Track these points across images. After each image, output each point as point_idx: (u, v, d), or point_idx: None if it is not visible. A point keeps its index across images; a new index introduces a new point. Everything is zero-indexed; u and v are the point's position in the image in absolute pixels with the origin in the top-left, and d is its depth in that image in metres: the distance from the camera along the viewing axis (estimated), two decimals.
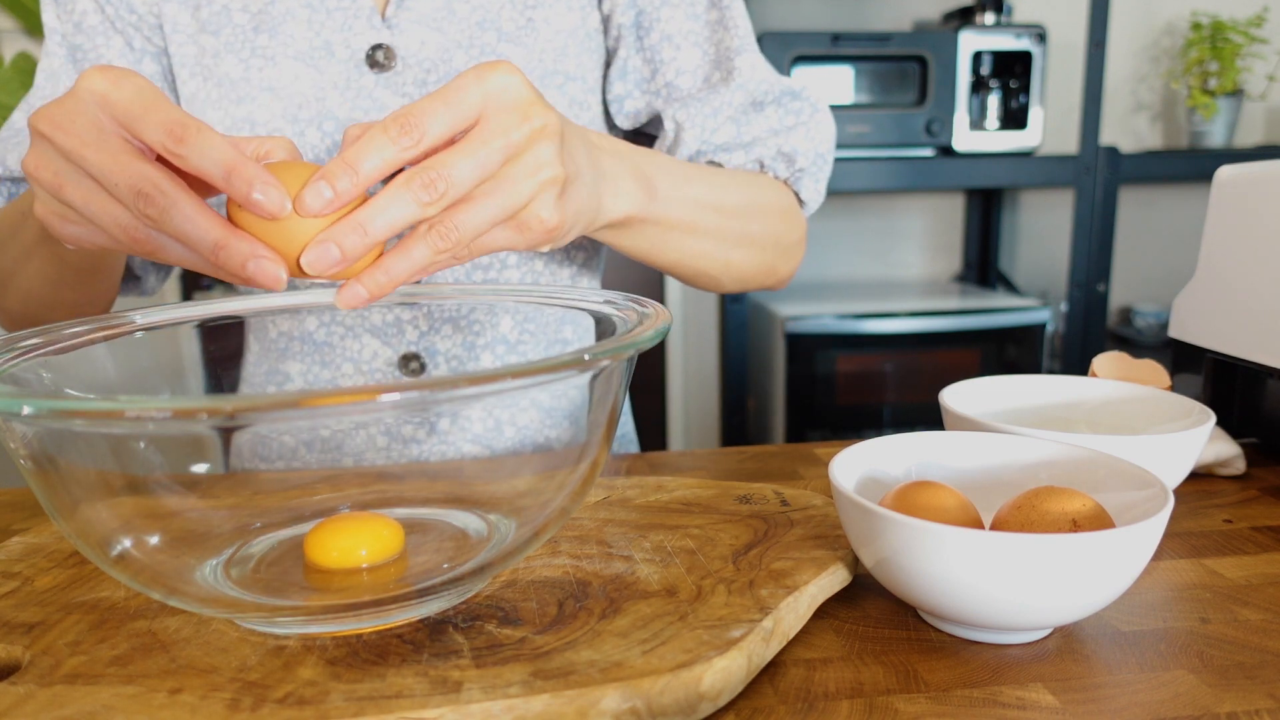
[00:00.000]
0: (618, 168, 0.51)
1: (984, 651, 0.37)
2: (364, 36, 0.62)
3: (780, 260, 0.69)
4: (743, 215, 0.64)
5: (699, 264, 0.63)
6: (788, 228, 0.68)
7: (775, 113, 0.67)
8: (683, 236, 0.59)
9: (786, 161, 0.67)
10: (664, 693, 0.32)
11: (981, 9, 1.96)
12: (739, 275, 0.67)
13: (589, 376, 0.38)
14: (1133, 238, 2.31)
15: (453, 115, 0.38)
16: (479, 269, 0.66)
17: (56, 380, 0.40)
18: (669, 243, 0.59)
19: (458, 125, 0.39)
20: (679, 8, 0.67)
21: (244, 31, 0.62)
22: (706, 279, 0.66)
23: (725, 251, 0.64)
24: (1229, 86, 2.03)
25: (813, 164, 0.68)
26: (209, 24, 0.63)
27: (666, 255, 0.60)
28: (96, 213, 0.39)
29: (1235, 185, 0.63)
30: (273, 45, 0.62)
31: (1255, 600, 0.41)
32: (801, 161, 0.68)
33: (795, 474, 0.59)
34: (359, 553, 0.40)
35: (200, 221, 0.37)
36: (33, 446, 0.33)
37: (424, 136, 0.38)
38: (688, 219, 0.59)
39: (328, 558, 0.40)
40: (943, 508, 0.39)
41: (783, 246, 0.69)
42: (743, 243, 0.65)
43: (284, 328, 0.66)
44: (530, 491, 0.42)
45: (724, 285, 0.67)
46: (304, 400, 0.28)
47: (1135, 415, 0.56)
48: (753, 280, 0.69)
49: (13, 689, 0.33)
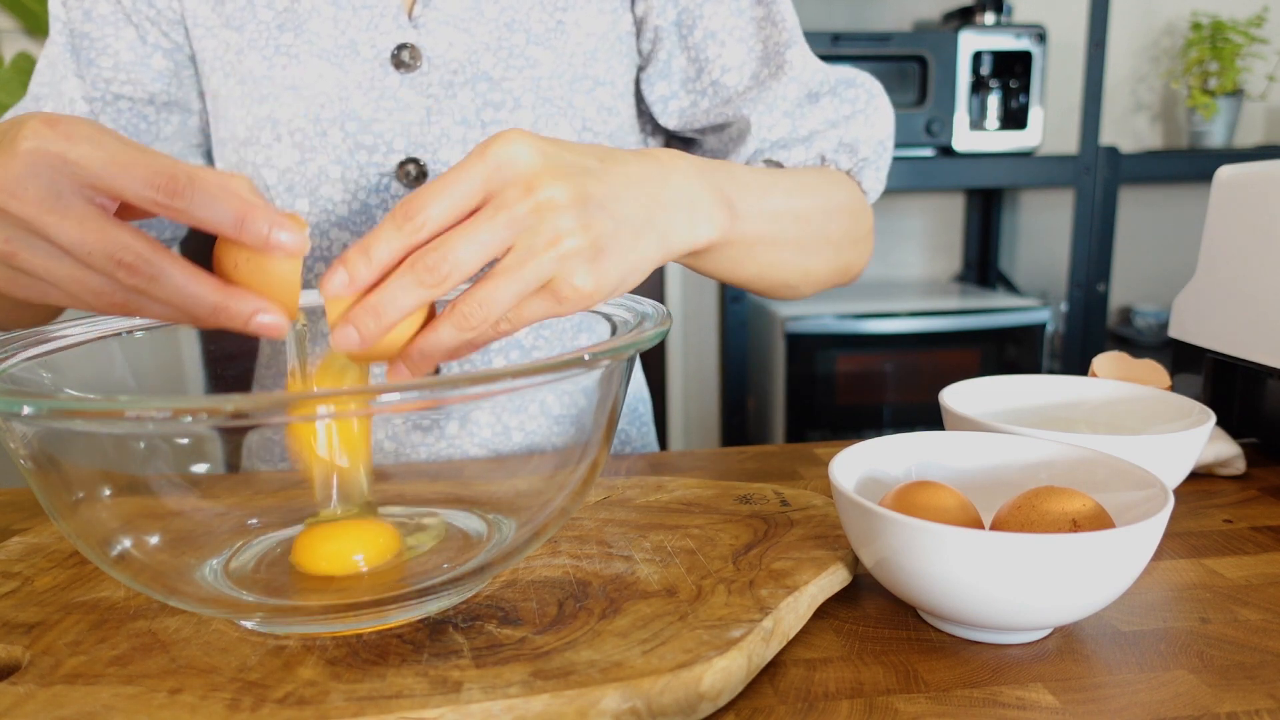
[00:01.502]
0: (694, 191, 0.48)
1: (984, 651, 0.37)
2: (390, 36, 0.61)
3: (854, 257, 0.68)
4: (819, 219, 0.62)
5: (778, 275, 0.61)
6: (857, 223, 0.67)
7: (832, 103, 0.66)
8: (764, 250, 0.57)
9: (849, 152, 0.66)
10: (664, 693, 0.32)
11: (981, 9, 1.96)
12: (817, 279, 0.65)
13: (596, 380, 0.37)
14: (1133, 238, 2.31)
15: (453, 199, 0.38)
16: None
17: (56, 380, 0.40)
18: (750, 258, 0.57)
19: (461, 207, 0.38)
20: (722, 4, 0.65)
21: (268, 28, 0.61)
22: (785, 289, 0.64)
23: (804, 259, 0.62)
24: (1229, 86, 2.03)
25: (874, 152, 0.67)
26: (233, 19, 0.62)
27: (745, 271, 0.58)
28: (62, 279, 0.36)
29: (1235, 185, 0.63)
30: (297, 43, 0.61)
31: (1255, 600, 0.41)
32: (864, 151, 0.66)
33: (795, 474, 0.59)
34: (352, 559, 0.39)
35: (193, 287, 0.36)
36: (33, 446, 0.33)
37: (426, 223, 0.37)
38: (769, 233, 0.57)
39: (317, 566, 0.39)
40: (943, 508, 0.39)
41: (855, 242, 0.67)
42: (821, 247, 0.63)
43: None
44: (530, 491, 0.42)
45: (801, 292, 0.66)
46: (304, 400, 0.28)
47: (1135, 415, 0.56)
48: (829, 281, 0.67)
49: (13, 689, 0.33)
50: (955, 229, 2.32)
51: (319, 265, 0.64)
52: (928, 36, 1.86)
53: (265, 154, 0.62)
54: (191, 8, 0.63)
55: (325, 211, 0.63)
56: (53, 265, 0.36)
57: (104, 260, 0.35)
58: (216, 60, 0.63)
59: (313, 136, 0.61)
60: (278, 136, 0.62)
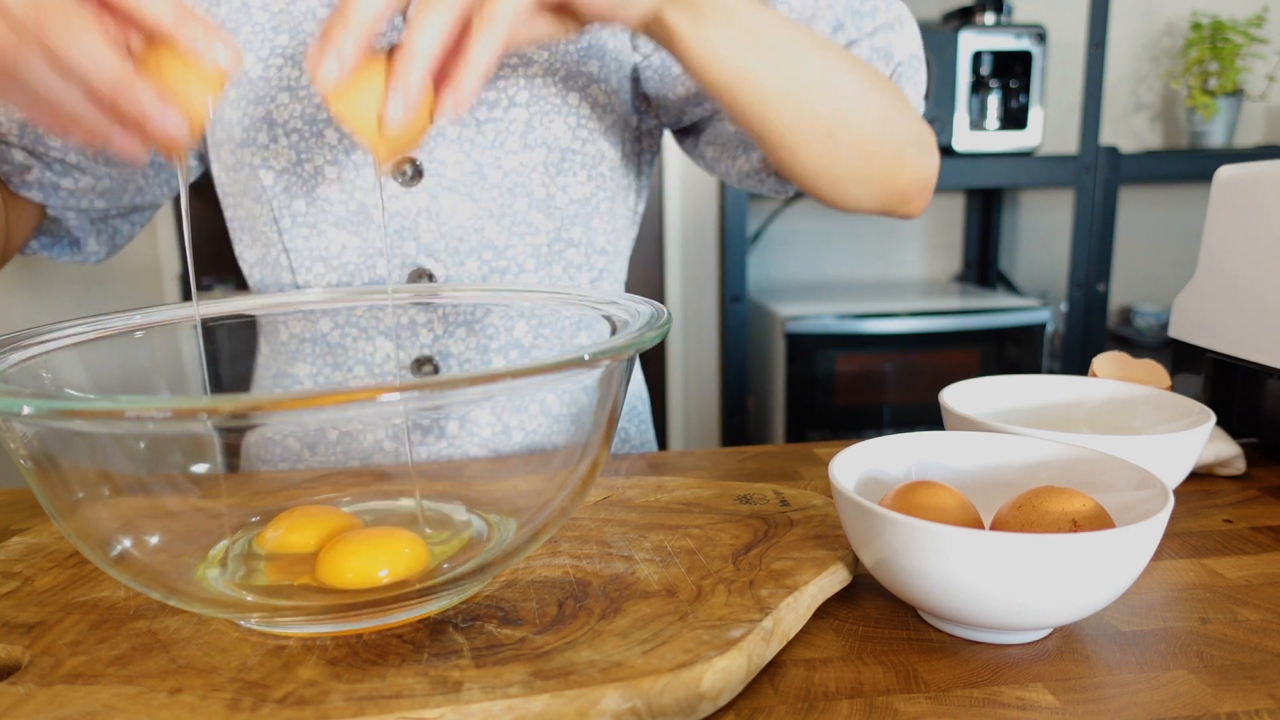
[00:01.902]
0: None
1: (984, 651, 0.37)
2: (384, 36, 0.61)
3: (912, 148, 0.60)
4: (847, 62, 0.56)
5: (805, 105, 0.54)
6: (908, 114, 0.60)
7: (854, 20, 0.62)
8: (775, 47, 0.52)
9: (884, 58, 0.61)
10: (664, 693, 0.32)
11: (981, 9, 1.96)
12: (860, 142, 0.57)
13: (596, 379, 0.37)
14: (1133, 238, 2.32)
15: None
16: (495, 273, 0.65)
17: (56, 380, 0.40)
18: (759, 50, 0.51)
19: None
20: None
21: (263, 30, 0.61)
22: (821, 138, 0.56)
23: (835, 96, 0.55)
24: (1229, 86, 2.03)
25: (909, 62, 0.62)
26: (228, 22, 0.62)
27: (757, 75, 0.52)
28: None
29: (1235, 185, 0.63)
30: (292, 45, 0.61)
31: (1255, 600, 0.41)
32: (900, 55, 0.61)
33: (795, 474, 0.59)
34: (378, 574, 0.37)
35: (104, 52, 0.36)
36: (33, 446, 0.33)
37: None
38: (774, 28, 0.52)
39: (342, 580, 0.37)
40: (943, 508, 0.39)
41: (911, 130, 0.60)
42: (855, 92, 0.56)
43: (295, 329, 0.65)
44: (530, 491, 0.42)
45: (843, 155, 0.57)
46: (304, 400, 0.28)
47: (1135, 415, 0.56)
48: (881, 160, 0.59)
49: (13, 689, 0.33)
50: (955, 229, 2.32)
51: (317, 265, 0.64)
52: (928, 36, 1.86)
53: (262, 155, 0.62)
54: None
55: (323, 211, 0.63)
56: None
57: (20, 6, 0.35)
58: None
59: (309, 137, 0.62)
60: (274, 138, 0.62)
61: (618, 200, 0.70)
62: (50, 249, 0.69)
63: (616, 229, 0.70)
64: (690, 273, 2.23)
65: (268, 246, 0.66)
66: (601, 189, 0.67)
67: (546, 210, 0.65)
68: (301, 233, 0.64)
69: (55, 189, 0.64)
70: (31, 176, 0.63)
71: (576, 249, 0.67)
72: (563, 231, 0.66)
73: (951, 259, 2.33)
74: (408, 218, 0.63)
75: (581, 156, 0.65)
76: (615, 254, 0.71)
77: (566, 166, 0.65)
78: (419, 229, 0.63)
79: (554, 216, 0.66)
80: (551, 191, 0.65)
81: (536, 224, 0.65)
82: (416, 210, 0.63)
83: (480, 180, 0.63)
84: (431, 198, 0.63)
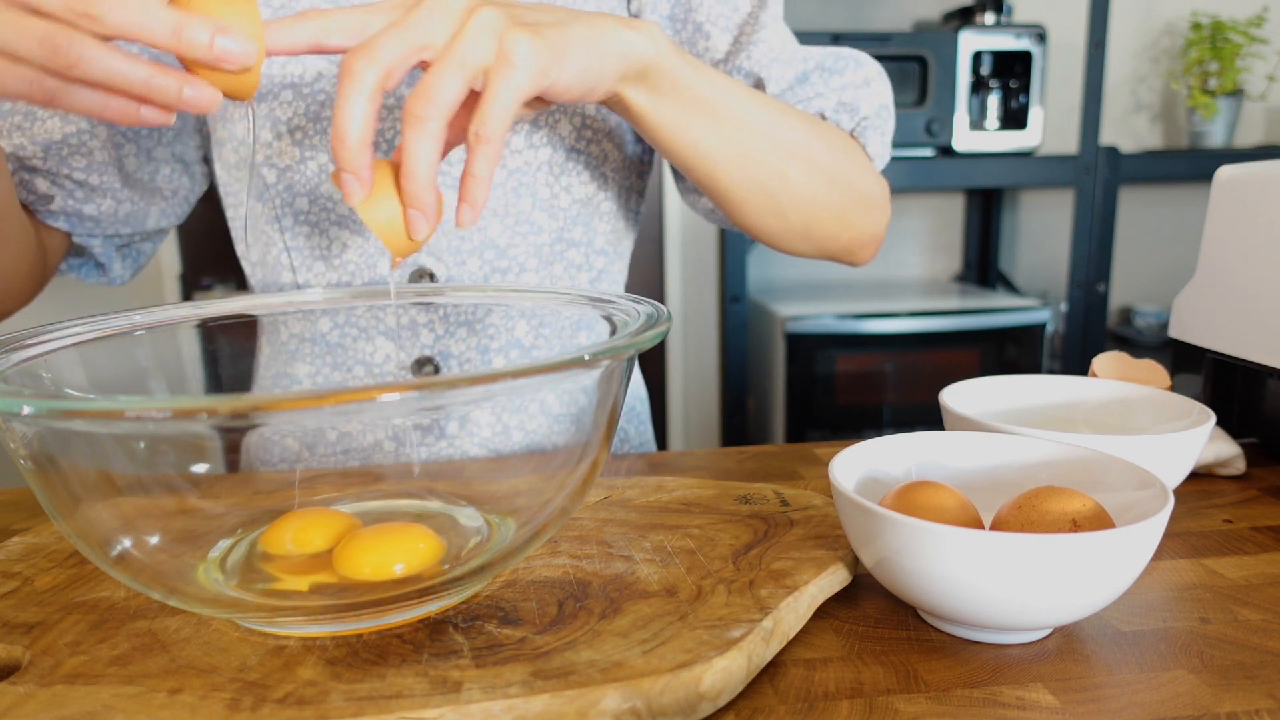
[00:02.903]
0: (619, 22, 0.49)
1: (984, 651, 0.37)
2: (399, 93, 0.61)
3: (857, 209, 0.63)
4: (798, 127, 0.59)
5: (750, 170, 0.57)
6: (860, 172, 0.63)
7: (821, 78, 0.64)
8: (725, 117, 0.55)
9: (849, 112, 0.63)
10: (664, 693, 0.32)
11: (981, 9, 1.96)
12: (804, 204, 0.61)
13: (596, 379, 0.37)
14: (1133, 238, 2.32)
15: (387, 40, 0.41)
16: (497, 272, 0.65)
17: (56, 380, 0.40)
18: (709, 120, 0.54)
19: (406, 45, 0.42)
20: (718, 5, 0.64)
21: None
22: (765, 199, 0.59)
23: (781, 161, 0.58)
24: (1229, 86, 2.03)
25: (877, 114, 0.64)
26: None
27: (706, 142, 0.55)
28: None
29: (1235, 185, 0.63)
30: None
31: (1255, 600, 0.41)
32: (865, 110, 0.64)
33: (795, 474, 0.59)
34: (393, 568, 0.38)
35: (119, 59, 0.38)
36: (33, 446, 0.33)
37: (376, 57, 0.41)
38: (725, 98, 0.54)
39: (359, 573, 0.38)
40: (943, 508, 0.39)
41: (857, 192, 0.63)
42: (802, 157, 0.59)
43: (296, 329, 0.65)
44: (530, 491, 0.42)
45: (787, 215, 0.61)
46: (304, 400, 0.28)
47: (1135, 415, 0.56)
48: (823, 222, 0.62)
49: (13, 689, 0.33)
50: (955, 229, 2.32)
51: (318, 264, 0.64)
52: (928, 36, 1.86)
53: (265, 153, 0.62)
54: None
55: (325, 210, 0.63)
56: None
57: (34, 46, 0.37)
58: None
59: (312, 135, 0.61)
60: (278, 135, 0.62)
61: (620, 200, 0.70)
62: (79, 270, 0.71)
63: (618, 229, 0.71)
64: (690, 273, 2.23)
65: (269, 246, 0.66)
66: (604, 189, 0.67)
67: (550, 210, 0.65)
68: (303, 231, 0.64)
69: (80, 217, 0.65)
70: (56, 205, 0.64)
71: (578, 249, 0.68)
72: (565, 231, 0.66)
73: (951, 259, 2.33)
74: None
75: (585, 156, 0.65)
76: (616, 254, 0.71)
77: (571, 166, 0.65)
78: None
79: (557, 216, 0.66)
80: (555, 191, 0.65)
81: (539, 223, 0.65)
82: None
83: None
84: None
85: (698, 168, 0.57)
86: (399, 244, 0.44)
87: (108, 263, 0.70)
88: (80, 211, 0.65)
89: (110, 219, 0.66)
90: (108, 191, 0.65)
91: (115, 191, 0.65)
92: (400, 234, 0.44)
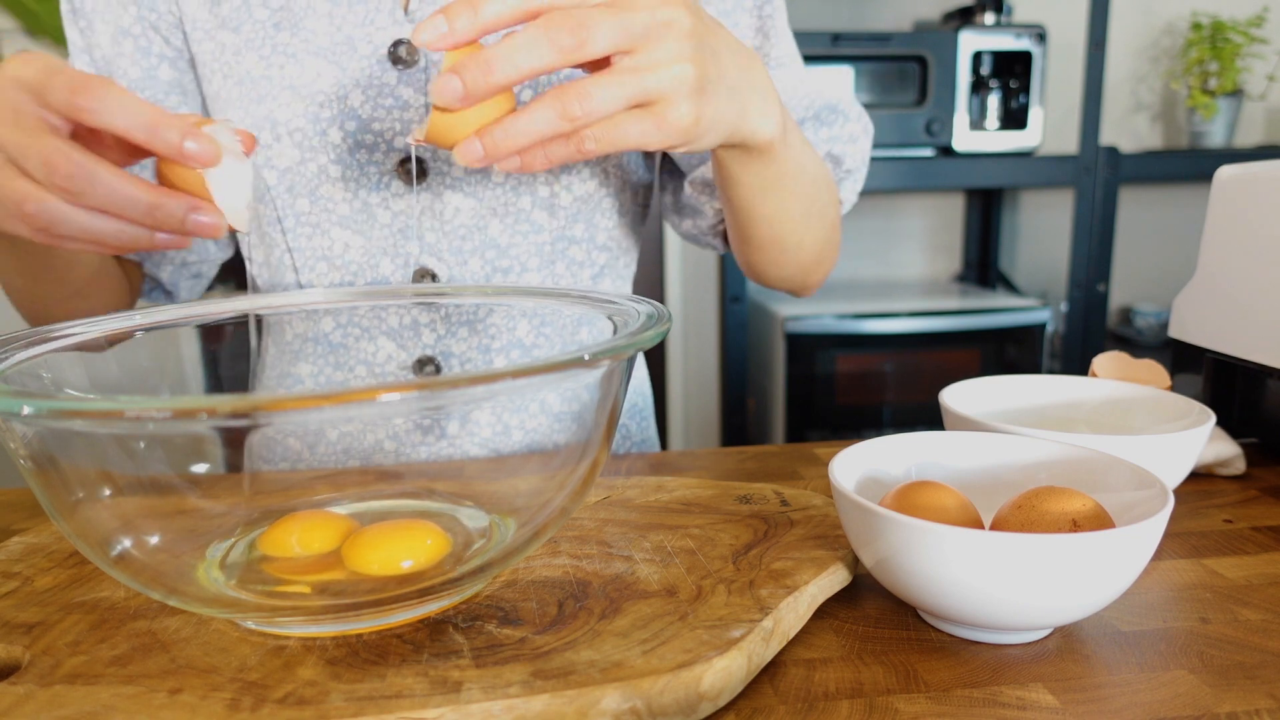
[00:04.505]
0: (769, 86, 0.50)
1: (984, 651, 0.37)
2: (386, 31, 0.61)
3: (830, 253, 0.68)
4: (823, 191, 0.62)
5: (785, 227, 0.61)
6: (836, 227, 0.68)
7: (813, 127, 0.66)
8: (789, 185, 0.57)
9: (834, 163, 0.67)
10: (664, 693, 0.32)
11: (981, 9, 1.96)
12: (803, 255, 0.65)
13: (597, 378, 0.37)
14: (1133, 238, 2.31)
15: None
16: (499, 272, 0.65)
17: (56, 380, 0.40)
18: (777, 189, 0.57)
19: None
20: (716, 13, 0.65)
21: (264, 28, 0.61)
22: (777, 248, 0.63)
23: (805, 226, 0.62)
24: (1229, 86, 2.03)
25: (858, 167, 0.68)
26: (229, 20, 0.62)
27: (766, 204, 0.58)
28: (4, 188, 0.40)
29: (1235, 185, 0.63)
30: (294, 42, 0.61)
31: (1255, 600, 0.41)
32: (849, 164, 0.67)
33: (795, 474, 0.59)
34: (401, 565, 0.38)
35: (125, 185, 0.39)
36: (33, 446, 0.33)
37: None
38: (796, 167, 0.57)
39: (367, 568, 0.38)
40: (943, 508, 0.39)
41: (831, 245, 0.68)
42: (818, 221, 0.63)
43: (299, 329, 0.66)
44: (530, 491, 0.42)
45: (783, 263, 0.65)
46: (304, 400, 0.28)
47: (1135, 415, 0.56)
48: (807, 266, 0.67)
49: (13, 689, 0.33)
50: (955, 229, 2.32)
51: (321, 264, 0.64)
52: (928, 36, 1.86)
53: (265, 154, 0.62)
54: (190, 11, 0.63)
55: (326, 211, 0.63)
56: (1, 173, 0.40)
57: (37, 163, 0.39)
58: (215, 62, 0.63)
59: (312, 136, 0.61)
60: (277, 137, 0.62)
61: (623, 196, 0.70)
62: (148, 295, 0.73)
63: (622, 224, 0.70)
64: (690, 273, 2.23)
65: (271, 247, 0.66)
66: (605, 185, 0.67)
67: (550, 209, 0.65)
68: (305, 232, 0.64)
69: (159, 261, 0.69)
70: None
71: (579, 246, 0.67)
72: (566, 229, 0.66)
73: (951, 259, 2.33)
74: (411, 217, 0.63)
75: None
76: (620, 250, 0.71)
77: (570, 165, 0.65)
78: (422, 228, 0.63)
79: (558, 215, 0.66)
80: (555, 190, 0.65)
81: (540, 222, 0.65)
82: (420, 209, 0.63)
83: (484, 179, 0.63)
84: (435, 197, 0.63)
85: (742, 218, 0.60)
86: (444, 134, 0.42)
87: (174, 289, 0.72)
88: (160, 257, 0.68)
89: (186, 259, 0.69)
90: None
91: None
92: (451, 136, 0.42)
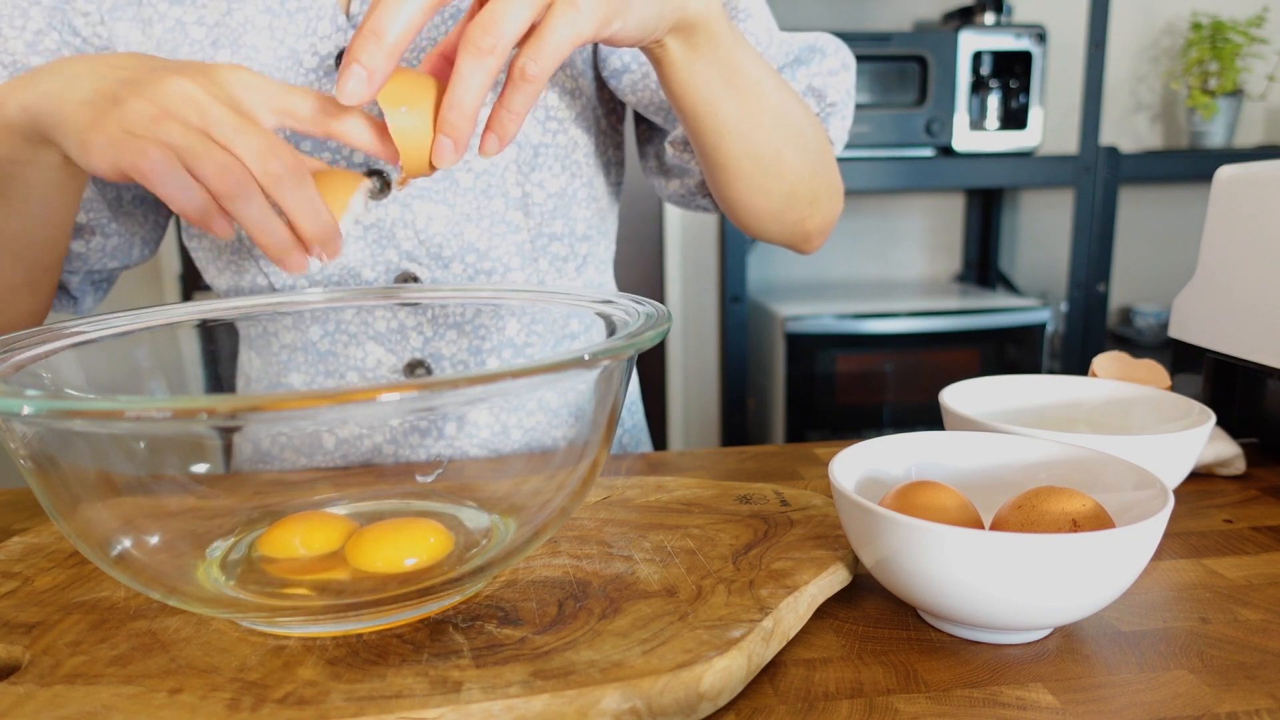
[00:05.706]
0: None
1: (984, 651, 0.37)
2: (330, 40, 0.59)
3: (826, 195, 0.65)
4: (798, 109, 0.59)
5: (754, 142, 0.58)
6: (831, 160, 0.65)
7: (792, 70, 0.65)
8: (748, 84, 0.55)
9: (816, 97, 0.65)
10: (664, 693, 0.32)
11: (981, 9, 1.96)
12: (789, 184, 0.61)
13: (594, 377, 0.37)
14: (1133, 238, 2.32)
15: None
16: (482, 274, 0.65)
17: (56, 380, 0.40)
18: (735, 86, 0.54)
19: None
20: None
21: (202, 47, 0.59)
22: (758, 174, 0.60)
23: (781, 139, 0.59)
24: (1229, 86, 2.03)
25: (842, 101, 0.66)
26: (164, 42, 0.59)
27: (728, 105, 0.55)
28: (204, 163, 0.41)
29: (1235, 185, 0.63)
30: (235, 59, 0.58)
31: (1255, 600, 0.41)
32: (833, 96, 0.65)
33: (795, 474, 0.59)
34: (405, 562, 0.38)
35: (321, 205, 0.43)
36: (33, 446, 0.33)
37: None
38: (752, 69, 0.54)
39: (372, 565, 0.38)
40: (943, 508, 0.39)
41: (829, 178, 0.65)
42: (796, 138, 0.60)
43: (287, 340, 0.65)
44: (530, 491, 0.42)
45: (772, 193, 0.62)
46: (303, 399, 0.28)
47: (1135, 415, 0.56)
48: (799, 204, 0.63)
49: (13, 689, 0.33)
50: (955, 229, 2.32)
51: (300, 282, 0.64)
52: (928, 36, 1.86)
53: None
54: (121, 34, 0.59)
55: None
56: (199, 148, 0.41)
57: (258, 152, 0.42)
58: None
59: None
60: None
61: (596, 183, 0.69)
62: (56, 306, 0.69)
63: (599, 210, 0.70)
64: (690, 273, 2.23)
65: (242, 273, 0.65)
66: (578, 177, 0.66)
67: (524, 208, 0.64)
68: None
69: (69, 255, 0.64)
70: None
71: (560, 241, 0.67)
72: (544, 226, 0.66)
73: (951, 259, 2.33)
74: (384, 228, 0.62)
75: (554, 149, 0.64)
76: (600, 235, 0.71)
77: (540, 162, 0.64)
78: (398, 237, 0.62)
79: (533, 214, 0.65)
80: (527, 189, 0.64)
81: (516, 222, 0.64)
82: (392, 220, 0.62)
83: (452, 185, 0.62)
84: (404, 207, 0.62)
85: (707, 131, 0.57)
86: (415, 163, 0.42)
87: (81, 296, 0.68)
88: (70, 249, 0.63)
89: (98, 254, 0.65)
90: (97, 228, 0.63)
91: (104, 226, 0.64)
92: (421, 154, 0.42)
